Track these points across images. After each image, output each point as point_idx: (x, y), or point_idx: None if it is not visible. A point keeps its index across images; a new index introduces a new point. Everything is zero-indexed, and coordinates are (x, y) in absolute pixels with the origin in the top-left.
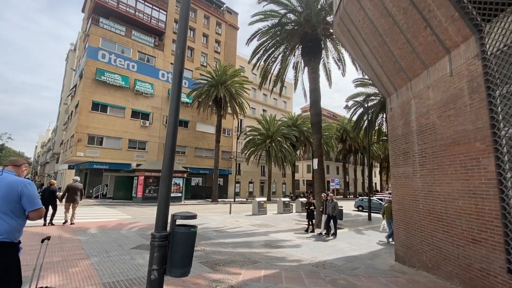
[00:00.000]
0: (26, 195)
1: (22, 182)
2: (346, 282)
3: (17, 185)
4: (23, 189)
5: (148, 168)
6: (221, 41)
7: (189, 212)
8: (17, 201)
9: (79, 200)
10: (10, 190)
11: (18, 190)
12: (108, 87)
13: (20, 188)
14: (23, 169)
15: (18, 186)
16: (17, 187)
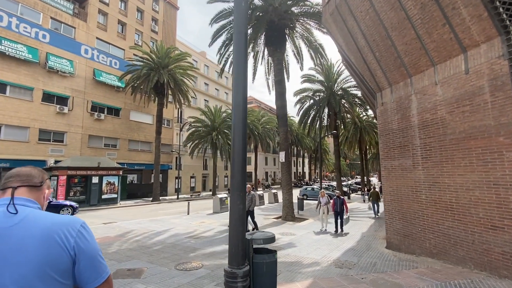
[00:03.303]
0: (86, 255)
1: (72, 226)
2: (385, 281)
3: (64, 235)
4: (78, 243)
5: (72, 165)
6: (159, 19)
7: (268, 233)
8: (65, 272)
9: None
10: (50, 250)
11: (69, 246)
12: (7, 60)
13: (72, 242)
14: (45, 191)
15: (68, 237)
16: (64, 240)
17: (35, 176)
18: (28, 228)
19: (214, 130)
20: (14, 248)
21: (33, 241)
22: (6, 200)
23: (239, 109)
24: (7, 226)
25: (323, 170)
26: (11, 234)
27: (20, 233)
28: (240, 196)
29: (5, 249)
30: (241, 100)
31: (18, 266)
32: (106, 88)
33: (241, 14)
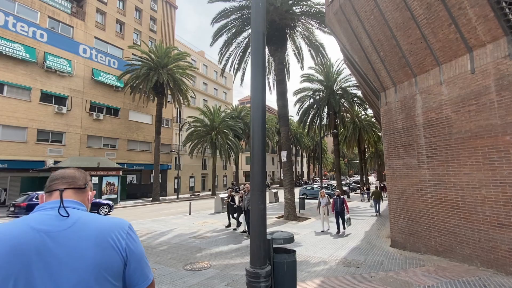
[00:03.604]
0: (136, 257)
1: (121, 227)
2: (394, 279)
3: (116, 237)
4: (128, 245)
5: (71, 165)
6: (157, 19)
7: (286, 232)
8: (118, 274)
9: None
10: (105, 252)
11: (121, 248)
12: (4, 59)
13: (123, 244)
14: (89, 193)
15: (120, 239)
16: (116, 242)
17: (79, 178)
18: (82, 231)
19: (214, 129)
20: (70, 252)
21: (88, 244)
22: (56, 203)
23: (258, 110)
24: (61, 229)
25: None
26: (67, 237)
27: (75, 236)
28: (261, 196)
29: (62, 253)
30: (260, 101)
31: (76, 269)
32: (104, 88)
33: (258, 14)
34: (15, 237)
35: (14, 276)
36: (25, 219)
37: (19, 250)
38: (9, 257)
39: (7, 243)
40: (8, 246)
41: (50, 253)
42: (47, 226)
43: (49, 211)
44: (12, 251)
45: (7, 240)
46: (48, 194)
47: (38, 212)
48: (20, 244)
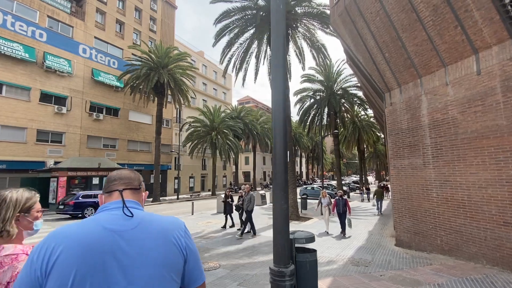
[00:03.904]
0: (194, 255)
1: (180, 226)
2: (403, 278)
3: (177, 235)
4: (187, 244)
5: (72, 166)
6: (157, 19)
7: (306, 232)
8: (180, 272)
9: None
10: (170, 251)
11: (182, 246)
12: (3, 59)
13: (183, 242)
14: (143, 193)
15: (180, 237)
16: (178, 240)
17: (135, 179)
18: (147, 230)
19: (214, 130)
20: (140, 250)
21: (155, 243)
22: (118, 203)
23: (279, 110)
24: (129, 228)
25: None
26: (135, 236)
27: (142, 235)
28: (284, 196)
29: (133, 251)
30: (281, 101)
31: (146, 268)
32: (104, 88)
33: (279, 16)
34: (91, 237)
35: (91, 275)
36: (95, 219)
37: (95, 250)
38: (86, 256)
39: (84, 243)
40: (85, 246)
41: (122, 252)
42: (116, 225)
43: (115, 211)
44: (89, 251)
45: (84, 240)
46: (107, 194)
47: (104, 212)
48: (96, 244)
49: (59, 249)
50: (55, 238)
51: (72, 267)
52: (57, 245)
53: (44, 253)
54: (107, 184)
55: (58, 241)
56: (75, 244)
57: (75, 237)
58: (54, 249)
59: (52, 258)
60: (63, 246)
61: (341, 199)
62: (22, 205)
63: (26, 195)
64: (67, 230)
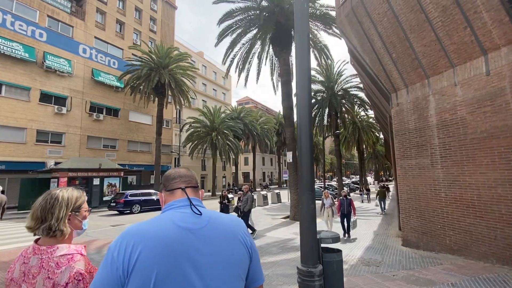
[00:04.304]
0: (256, 255)
1: (243, 225)
2: (416, 278)
3: (243, 234)
4: (251, 243)
5: (72, 167)
6: (157, 19)
7: (332, 232)
8: (245, 271)
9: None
10: (239, 249)
11: (247, 245)
12: (2, 59)
13: (248, 241)
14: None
15: (246, 236)
16: (244, 239)
17: (193, 177)
18: (217, 229)
19: (214, 130)
20: (213, 249)
21: (226, 242)
22: (184, 201)
23: (305, 110)
24: (200, 227)
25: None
26: (207, 234)
27: (213, 233)
28: (311, 195)
29: (206, 250)
30: (306, 101)
31: (220, 266)
32: (105, 88)
33: (303, 15)
34: (167, 235)
35: (170, 275)
36: (167, 217)
37: (172, 249)
38: (165, 255)
39: (162, 242)
40: (163, 245)
41: (197, 251)
42: (189, 223)
43: (183, 209)
44: (167, 250)
45: (161, 239)
46: (169, 192)
47: (173, 210)
48: (173, 243)
49: (139, 248)
50: (133, 236)
51: (153, 267)
52: (136, 243)
53: (124, 252)
54: (167, 182)
55: (137, 240)
56: (153, 243)
57: (153, 236)
58: (134, 247)
59: (133, 257)
60: (143, 245)
61: (346, 199)
62: (73, 204)
63: (76, 193)
64: (143, 228)
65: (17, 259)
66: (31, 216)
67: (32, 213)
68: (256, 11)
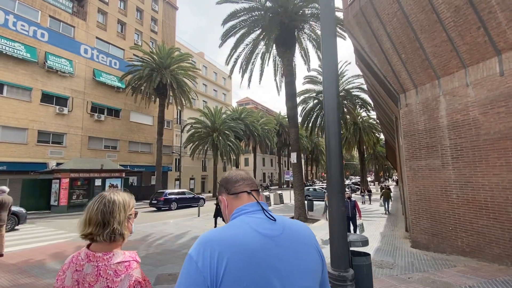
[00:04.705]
0: (325, 263)
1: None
2: (433, 280)
3: (315, 241)
4: (322, 251)
5: (74, 167)
6: (158, 19)
7: (361, 235)
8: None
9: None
10: (316, 257)
11: (320, 253)
12: (4, 59)
13: (320, 249)
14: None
15: (317, 244)
16: (317, 247)
17: (254, 180)
18: (294, 236)
19: (215, 131)
20: (293, 258)
21: (304, 249)
22: (254, 206)
23: (333, 109)
24: (278, 233)
25: (319, 171)
26: (285, 241)
27: (291, 240)
28: (341, 198)
29: (287, 259)
30: (334, 100)
31: (301, 276)
32: (106, 88)
33: (330, 13)
34: (251, 243)
35: (258, 285)
36: (245, 222)
37: (257, 257)
38: (252, 266)
39: (247, 251)
40: (249, 254)
41: (278, 259)
42: (267, 230)
43: (256, 214)
44: (252, 259)
45: (246, 247)
46: (233, 196)
47: (247, 215)
48: (256, 251)
49: (225, 258)
50: (218, 244)
51: (241, 279)
52: (221, 252)
53: (209, 261)
54: (229, 185)
55: (222, 249)
56: (239, 252)
57: (238, 244)
58: (220, 257)
59: (220, 268)
60: (229, 254)
61: (350, 201)
62: (128, 206)
63: (127, 196)
64: (225, 234)
65: (67, 266)
66: (88, 222)
67: (88, 219)
68: (260, 12)
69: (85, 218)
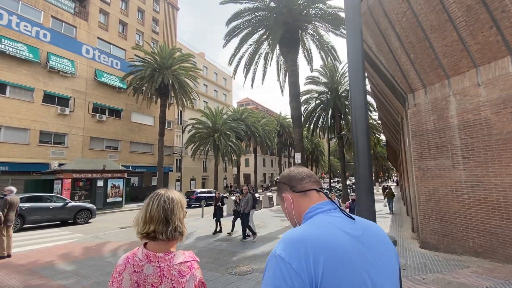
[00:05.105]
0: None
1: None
2: (448, 281)
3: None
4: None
5: (76, 168)
6: (159, 20)
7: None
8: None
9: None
10: (396, 257)
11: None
12: (7, 59)
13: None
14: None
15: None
16: (394, 247)
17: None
18: (376, 236)
19: (216, 131)
20: (380, 259)
21: (388, 251)
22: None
23: (361, 109)
24: (361, 234)
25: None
26: (369, 242)
27: (374, 241)
28: (371, 197)
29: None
30: (362, 100)
31: (387, 278)
32: (107, 89)
33: (355, 12)
34: (343, 244)
35: (355, 285)
36: (328, 222)
37: (351, 259)
38: (348, 268)
39: (341, 252)
40: (343, 255)
41: (368, 261)
42: (352, 230)
43: (334, 213)
44: (348, 262)
45: (339, 248)
46: (301, 194)
47: (325, 214)
48: (350, 253)
49: (321, 259)
50: (312, 245)
51: (341, 282)
52: (316, 253)
53: (305, 263)
54: (295, 182)
55: (316, 249)
56: (334, 254)
57: (332, 245)
58: (315, 258)
59: (317, 272)
60: (324, 256)
61: (355, 203)
62: (184, 204)
63: (179, 194)
64: (316, 235)
65: (123, 267)
66: (150, 220)
67: (150, 216)
68: (264, 12)
69: (145, 215)
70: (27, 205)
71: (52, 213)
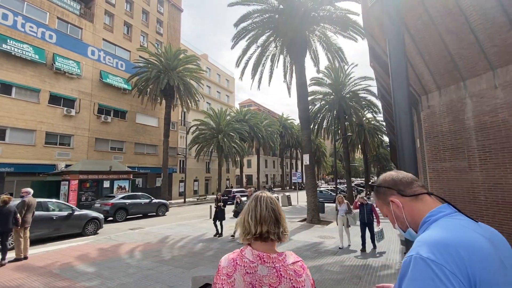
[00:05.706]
0: None
1: None
2: None
3: None
4: None
5: (83, 169)
6: (164, 21)
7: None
8: None
9: None
10: None
11: None
12: (13, 60)
13: None
14: None
15: None
16: None
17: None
18: (501, 239)
19: (220, 132)
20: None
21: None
22: (448, 208)
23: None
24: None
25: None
26: (501, 245)
27: (502, 244)
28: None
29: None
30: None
31: None
32: (112, 90)
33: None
34: (485, 247)
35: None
36: (461, 225)
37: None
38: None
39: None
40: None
41: (504, 267)
42: (484, 233)
43: (457, 216)
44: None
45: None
46: (411, 198)
47: (449, 217)
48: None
49: (474, 264)
50: (461, 249)
51: (495, 283)
52: (467, 258)
53: (460, 266)
54: (402, 186)
55: (466, 254)
56: (483, 258)
57: (478, 249)
58: (469, 263)
59: (474, 273)
60: (475, 260)
61: (365, 205)
62: None
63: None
64: (460, 238)
65: (232, 269)
66: (261, 221)
67: (260, 217)
68: (271, 14)
69: (255, 216)
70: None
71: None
